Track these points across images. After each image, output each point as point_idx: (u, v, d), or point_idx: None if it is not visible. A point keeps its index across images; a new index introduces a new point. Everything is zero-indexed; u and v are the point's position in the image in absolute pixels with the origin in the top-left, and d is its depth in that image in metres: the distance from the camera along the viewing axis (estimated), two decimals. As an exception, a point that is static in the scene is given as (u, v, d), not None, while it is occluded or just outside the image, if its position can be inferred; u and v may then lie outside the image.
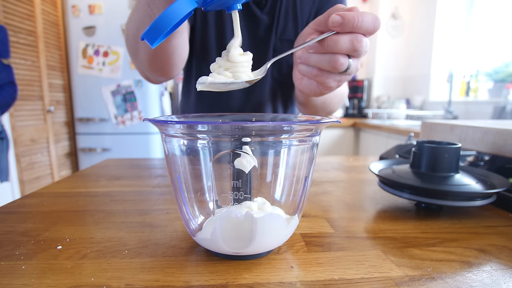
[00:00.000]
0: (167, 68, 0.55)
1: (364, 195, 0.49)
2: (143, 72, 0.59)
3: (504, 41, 2.00)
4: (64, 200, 0.46)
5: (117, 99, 2.15)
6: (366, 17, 0.31)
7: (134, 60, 0.57)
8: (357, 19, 0.30)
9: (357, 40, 0.32)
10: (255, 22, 0.68)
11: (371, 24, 0.31)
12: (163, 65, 0.54)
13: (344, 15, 0.30)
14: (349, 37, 0.31)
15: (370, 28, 0.31)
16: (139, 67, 0.58)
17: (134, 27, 0.49)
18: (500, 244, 0.32)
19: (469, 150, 0.54)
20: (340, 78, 0.36)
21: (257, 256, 0.29)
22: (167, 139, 0.28)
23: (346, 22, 0.30)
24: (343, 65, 0.33)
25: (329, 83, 0.36)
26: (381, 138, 2.06)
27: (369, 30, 0.32)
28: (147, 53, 0.51)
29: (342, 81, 0.37)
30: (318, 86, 0.39)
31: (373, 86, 2.75)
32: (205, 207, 0.29)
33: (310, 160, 0.29)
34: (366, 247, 0.31)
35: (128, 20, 0.52)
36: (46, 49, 2.07)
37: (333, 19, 0.31)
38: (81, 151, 2.25)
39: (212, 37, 0.67)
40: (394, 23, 2.61)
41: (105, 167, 0.69)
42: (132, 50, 0.55)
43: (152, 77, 0.60)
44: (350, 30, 0.31)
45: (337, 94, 0.62)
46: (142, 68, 0.58)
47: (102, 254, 0.29)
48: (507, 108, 1.74)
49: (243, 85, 0.31)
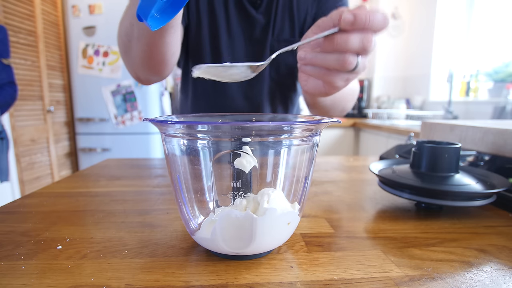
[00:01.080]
0: (160, 67, 0.54)
1: (364, 195, 0.49)
2: (134, 71, 0.58)
3: (504, 41, 2.00)
4: (64, 200, 0.46)
5: (117, 99, 2.15)
6: (377, 16, 0.31)
7: (126, 58, 0.56)
8: (368, 18, 0.30)
9: (367, 39, 0.32)
10: (251, 23, 0.67)
11: (381, 23, 0.31)
12: (157, 63, 0.52)
13: (356, 14, 0.30)
14: (359, 36, 0.32)
15: (380, 26, 0.32)
16: (131, 66, 0.57)
17: (128, 24, 0.48)
18: (500, 244, 0.32)
19: (469, 150, 0.54)
20: (347, 77, 0.36)
21: (257, 256, 0.29)
22: (167, 139, 0.28)
23: (358, 21, 0.30)
24: (352, 64, 0.33)
25: (336, 82, 0.36)
26: (381, 138, 2.06)
27: (379, 28, 0.32)
28: (141, 51, 0.50)
29: (349, 80, 0.37)
30: (324, 86, 0.39)
31: (373, 86, 2.75)
32: (205, 207, 0.29)
33: (310, 160, 0.29)
34: (366, 247, 0.31)
35: (122, 18, 0.51)
36: (46, 49, 2.07)
37: (346, 17, 0.31)
38: (81, 151, 2.25)
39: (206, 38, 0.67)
40: (394, 23, 2.61)
41: (105, 167, 0.69)
42: (124, 47, 0.54)
43: (143, 76, 0.58)
44: (362, 28, 0.31)
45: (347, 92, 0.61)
46: (133, 67, 0.56)
47: (102, 254, 0.29)
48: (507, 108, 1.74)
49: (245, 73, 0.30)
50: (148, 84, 0.63)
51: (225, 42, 0.68)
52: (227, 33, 0.67)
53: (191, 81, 0.74)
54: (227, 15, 0.66)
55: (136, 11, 0.25)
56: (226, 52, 0.68)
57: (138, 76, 0.59)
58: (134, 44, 0.50)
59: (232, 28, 0.67)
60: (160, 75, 0.58)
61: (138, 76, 0.59)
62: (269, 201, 0.27)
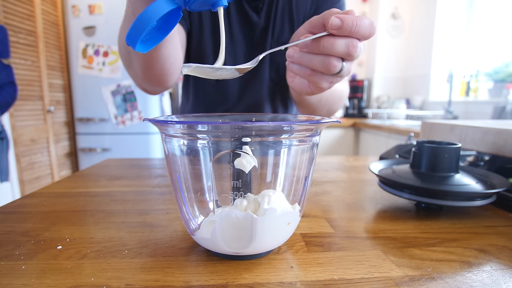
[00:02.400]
0: (162, 78, 0.54)
1: (364, 195, 0.49)
2: (139, 83, 0.59)
3: (504, 41, 2.00)
4: (64, 200, 0.46)
5: (117, 99, 2.15)
6: (364, 22, 0.31)
7: (129, 71, 0.57)
8: (355, 24, 0.31)
9: (353, 45, 0.32)
10: (252, 27, 0.68)
11: (367, 29, 0.32)
12: (158, 75, 0.53)
13: (344, 19, 0.31)
14: (345, 41, 0.32)
15: (366, 33, 0.32)
16: (135, 78, 0.58)
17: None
18: (500, 244, 0.32)
19: (469, 150, 0.54)
20: (332, 80, 0.37)
21: (257, 256, 0.29)
22: (167, 139, 0.28)
23: (345, 26, 0.31)
24: (337, 67, 0.34)
25: (320, 84, 0.37)
26: (381, 138, 2.06)
27: (365, 35, 0.32)
28: (140, 64, 0.50)
29: (333, 83, 0.38)
30: (309, 86, 0.39)
31: (373, 86, 2.75)
32: (205, 207, 0.29)
33: (310, 160, 0.29)
34: (366, 247, 0.31)
35: (119, 32, 0.52)
36: (46, 49, 2.07)
37: (333, 22, 0.31)
38: (81, 151, 2.25)
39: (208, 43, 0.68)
40: (394, 23, 2.61)
41: (105, 167, 0.69)
42: (126, 61, 0.55)
43: (148, 87, 0.59)
44: (348, 34, 0.32)
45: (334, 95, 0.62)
46: (137, 79, 0.57)
47: (102, 254, 0.29)
48: (507, 108, 1.74)
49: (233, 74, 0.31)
50: (155, 94, 0.63)
51: (227, 46, 0.68)
52: (229, 38, 0.68)
53: (192, 83, 0.74)
54: (229, 20, 0.67)
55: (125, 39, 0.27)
56: (227, 56, 0.68)
57: (144, 87, 0.60)
58: (134, 57, 0.51)
59: (234, 33, 0.68)
60: (163, 86, 0.58)
61: (144, 87, 0.60)
62: (270, 202, 0.27)
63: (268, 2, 0.66)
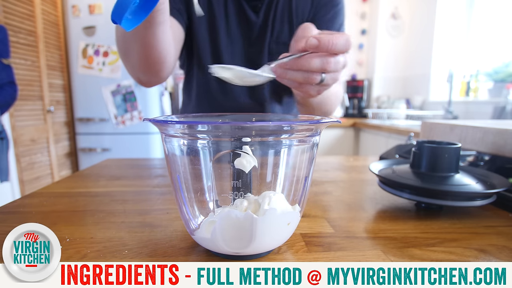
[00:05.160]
0: (158, 67, 0.55)
1: (364, 195, 0.49)
2: (135, 74, 0.59)
3: (504, 41, 2.00)
4: (64, 200, 0.46)
5: (117, 99, 2.15)
6: (339, 40, 0.36)
7: (126, 62, 0.57)
8: (331, 43, 0.36)
9: (327, 62, 0.37)
10: (250, 26, 0.68)
11: (343, 46, 0.37)
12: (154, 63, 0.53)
13: (320, 39, 0.36)
14: (320, 59, 0.37)
15: (342, 50, 0.37)
16: (131, 68, 0.58)
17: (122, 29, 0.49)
18: (500, 244, 0.32)
19: (469, 150, 0.54)
20: (318, 89, 0.42)
21: (257, 256, 0.29)
22: (167, 139, 0.28)
23: (321, 45, 0.36)
24: (316, 80, 0.39)
25: (309, 92, 0.42)
26: (381, 138, 2.06)
27: (342, 51, 0.37)
28: (137, 52, 0.51)
29: (321, 91, 0.43)
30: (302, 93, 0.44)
31: (373, 86, 2.75)
32: (205, 207, 0.29)
33: (310, 160, 0.29)
34: (366, 247, 0.31)
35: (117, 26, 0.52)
36: (46, 49, 2.07)
37: (310, 42, 0.36)
38: (81, 151, 2.25)
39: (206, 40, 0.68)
40: (394, 23, 2.61)
41: (105, 167, 0.69)
42: (122, 51, 0.55)
43: (144, 78, 0.60)
44: (325, 51, 0.37)
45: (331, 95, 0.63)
46: (134, 69, 0.58)
47: (102, 254, 0.29)
48: (507, 108, 1.74)
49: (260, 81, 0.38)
50: (150, 86, 0.64)
51: (224, 44, 0.69)
52: (226, 36, 0.68)
53: (195, 82, 0.74)
54: (227, 19, 0.67)
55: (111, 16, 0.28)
56: (225, 54, 0.69)
57: (139, 78, 0.60)
58: (131, 46, 0.51)
59: (232, 31, 0.68)
60: (159, 76, 0.59)
61: (140, 79, 0.61)
62: (270, 203, 0.27)
63: (268, 2, 0.66)
